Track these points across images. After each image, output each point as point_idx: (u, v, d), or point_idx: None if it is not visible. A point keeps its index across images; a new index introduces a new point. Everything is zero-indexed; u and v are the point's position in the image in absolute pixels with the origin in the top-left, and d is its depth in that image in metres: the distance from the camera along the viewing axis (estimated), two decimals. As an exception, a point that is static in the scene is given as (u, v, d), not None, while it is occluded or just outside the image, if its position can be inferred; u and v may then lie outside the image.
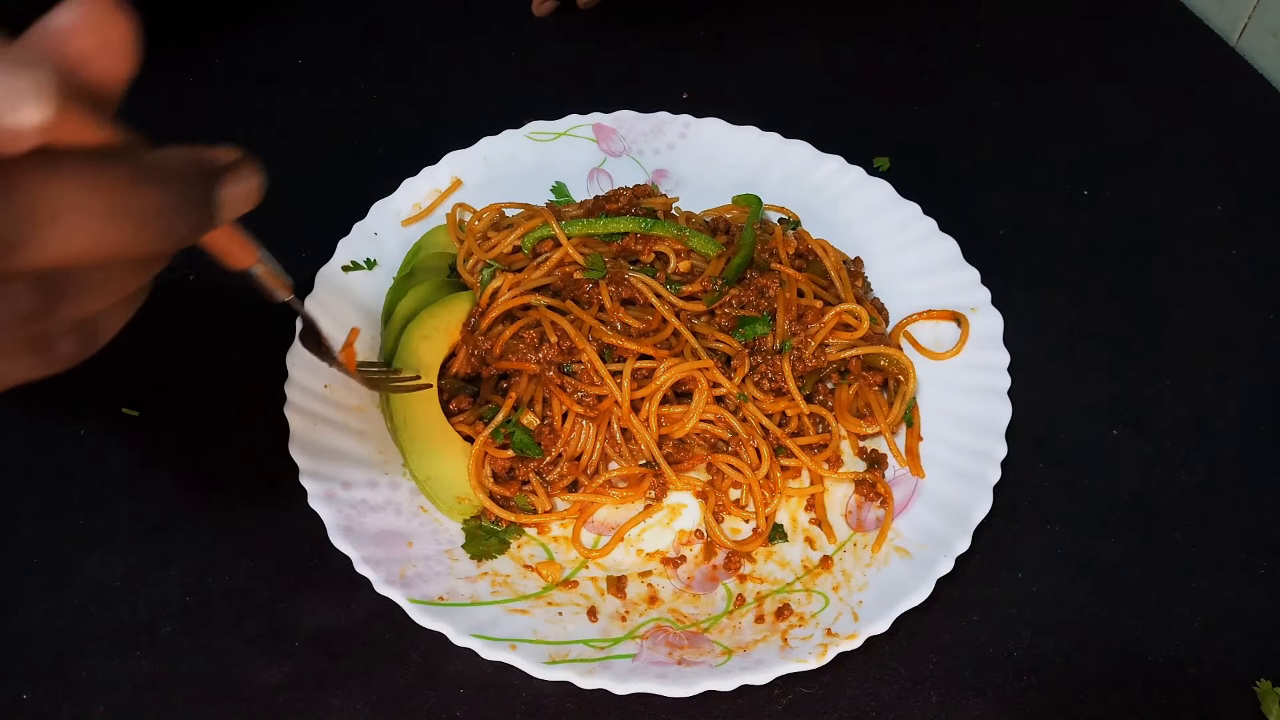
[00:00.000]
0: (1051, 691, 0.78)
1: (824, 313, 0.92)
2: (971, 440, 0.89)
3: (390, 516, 0.84)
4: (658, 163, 1.12)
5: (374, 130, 1.18)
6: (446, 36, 1.31)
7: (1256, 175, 1.16)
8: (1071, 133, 1.21)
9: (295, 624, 0.80)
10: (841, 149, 1.10)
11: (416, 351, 0.89)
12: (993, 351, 0.94)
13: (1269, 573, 0.85)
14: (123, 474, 0.88)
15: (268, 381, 0.90)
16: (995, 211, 1.12)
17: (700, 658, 0.77)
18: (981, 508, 0.84)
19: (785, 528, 0.87)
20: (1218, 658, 0.80)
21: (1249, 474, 0.91)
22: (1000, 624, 0.82)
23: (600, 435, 0.87)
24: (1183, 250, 1.09)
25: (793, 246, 0.98)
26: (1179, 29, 1.34)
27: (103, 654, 0.79)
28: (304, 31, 1.30)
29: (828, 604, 0.80)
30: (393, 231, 1.03)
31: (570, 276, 0.92)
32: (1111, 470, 0.91)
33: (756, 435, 0.88)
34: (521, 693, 0.77)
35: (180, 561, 0.83)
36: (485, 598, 0.80)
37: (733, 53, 1.30)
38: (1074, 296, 1.04)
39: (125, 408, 0.92)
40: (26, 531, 0.85)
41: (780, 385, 0.89)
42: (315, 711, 0.76)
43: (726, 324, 0.91)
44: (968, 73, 1.28)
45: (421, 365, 0.89)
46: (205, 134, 1.23)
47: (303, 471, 0.84)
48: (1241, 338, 1.01)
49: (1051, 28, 1.34)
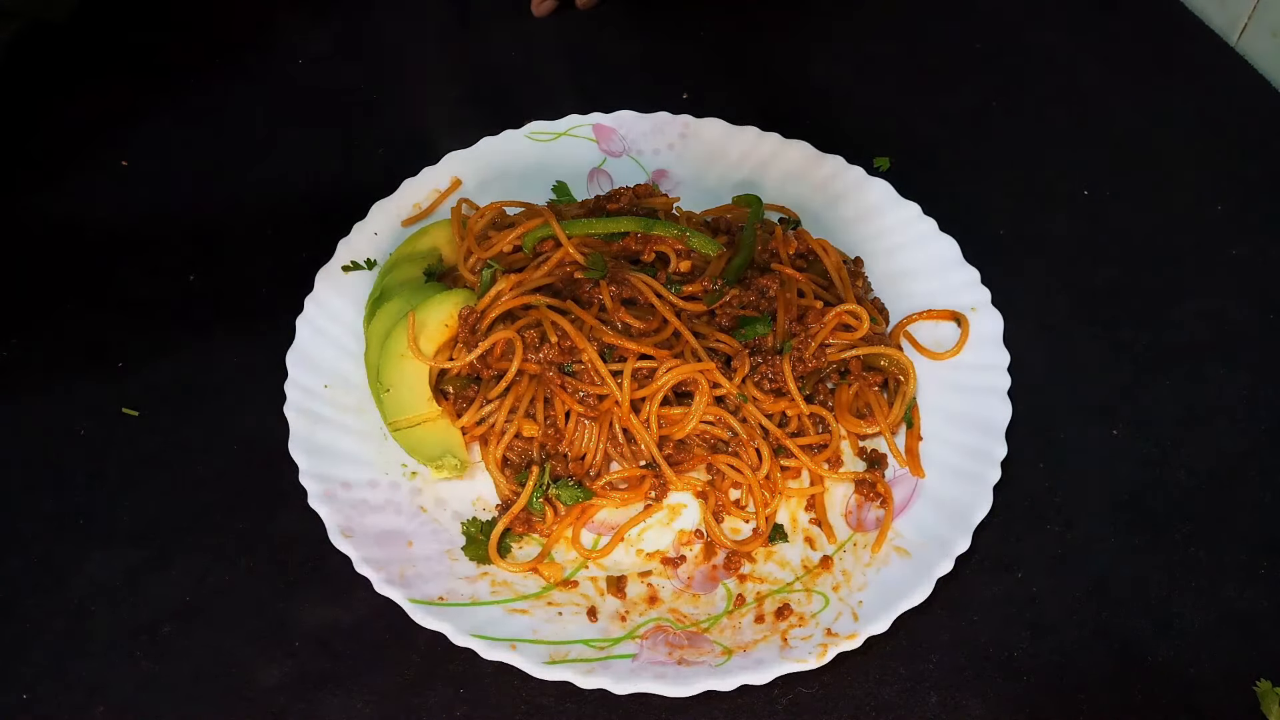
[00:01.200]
0: (1051, 691, 0.78)
1: (824, 313, 0.92)
2: (971, 440, 0.89)
3: (390, 516, 0.84)
4: (658, 163, 1.12)
5: (374, 130, 1.18)
6: (447, 37, 1.31)
7: (1256, 175, 1.16)
8: (1071, 133, 1.21)
9: (295, 624, 0.80)
10: (841, 149, 1.10)
11: (399, 369, 0.90)
12: (993, 351, 0.94)
13: (1269, 573, 0.85)
14: (123, 474, 0.88)
15: (268, 381, 0.90)
16: (995, 211, 1.12)
17: (700, 658, 0.77)
18: (981, 507, 0.84)
19: (785, 528, 0.87)
20: (1218, 658, 0.80)
21: (1249, 474, 0.91)
22: (1000, 624, 0.82)
23: (603, 435, 0.87)
24: (1183, 250, 1.09)
25: (793, 246, 0.98)
26: (1179, 29, 1.34)
27: (103, 654, 0.79)
28: (303, 32, 1.30)
29: (828, 604, 0.80)
30: (393, 231, 1.03)
31: (571, 276, 0.92)
32: (1111, 470, 0.91)
33: (757, 436, 0.88)
34: (521, 693, 0.77)
35: (180, 561, 0.83)
36: (485, 598, 0.80)
37: (733, 53, 1.30)
38: (1074, 296, 1.04)
39: (125, 408, 0.92)
40: (26, 531, 0.85)
41: (780, 385, 0.89)
42: (315, 711, 0.76)
43: (727, 324, 0.91)
44: (968, 73, 1.28)
45: (411, 378, 0.89)
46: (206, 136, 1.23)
47: (303, 471, 0.84)
48: (1241, 338, 1.01)
49: (1051, 28, 1.34)
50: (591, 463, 0.87)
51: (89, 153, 1.13)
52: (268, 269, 1.03)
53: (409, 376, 0.89)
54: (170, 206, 1.10)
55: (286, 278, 0.99)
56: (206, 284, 1.03)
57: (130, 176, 1.12)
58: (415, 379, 0.89)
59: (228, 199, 1.11)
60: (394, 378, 0.89)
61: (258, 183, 1.12)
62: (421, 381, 0.89)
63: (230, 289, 1.03)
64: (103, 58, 1.26)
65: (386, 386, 0.88)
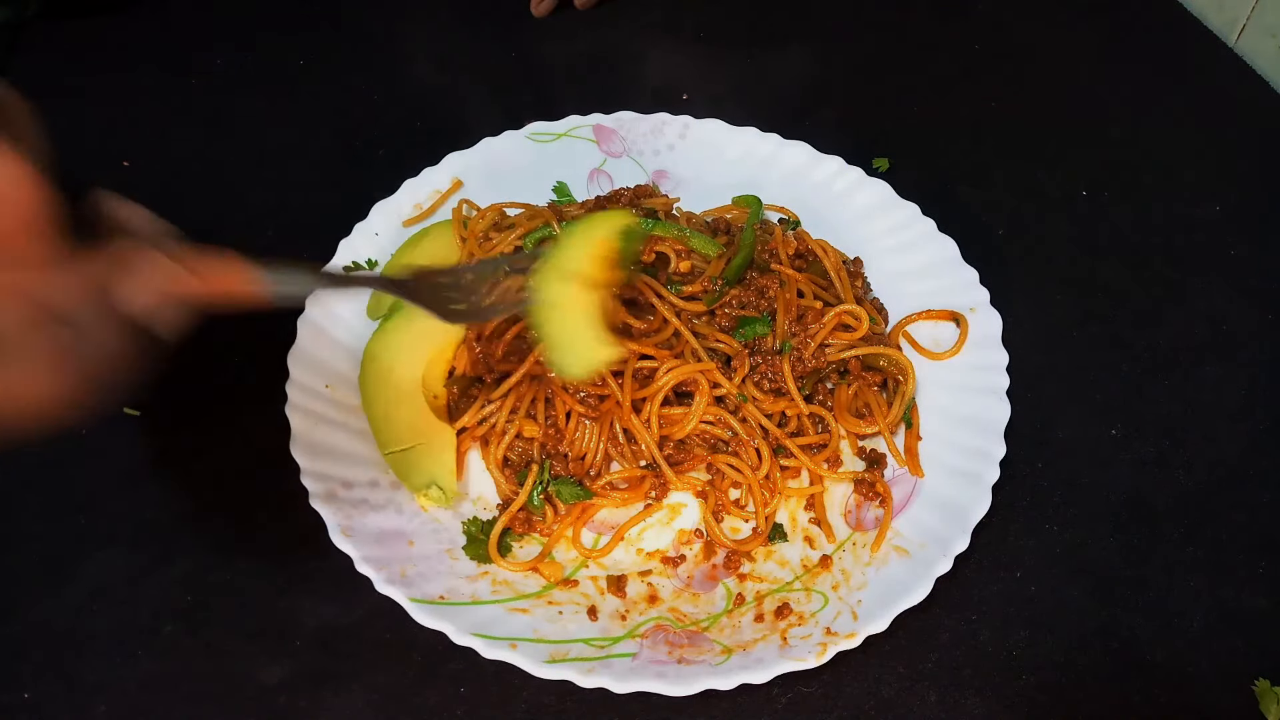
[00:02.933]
0: (1050, 691, 0.78)
1: (824, 313, 0.92)
2: (970, 440, 0.89)
3: (391, 516, 0.84)
4: (658, 163, 1.12)
5: (374, 131, 1.18)
6: (447, 37, 1.31)
7: (1256, 175, 1.16)
8: (1071, 133, 1.21)
9: (296, 623, 0.80)
10: (841, 149, 1.10)
11: (389, 400, 0.90)
12: (992, 351, 0.94)
13: (1268, 573, 0.85)
14: (123, 474, 0.88)
15: (268, 381, 0.90)
16: (995, 211, 1.12)
17: (700, 656, 0.77)
18: (980, 507, 0.84)
19: (785, 527, 0.87)
20: (1217, 657, 0.80)
21: (1249, 474, 0.91)
22: (999, 623, 0.82)
23: (603, 434, 0.87)
24: (1183, 250, 1.09)
25: (793, 247, 0.98)
26: (1178, 30, 1.35)
27: (104, 653, 0.79)
28: (304, 32, 1.30)
29: (827, 603, 0.81)
30: (393, 232, 1.03)
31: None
32: (1111, 470, 0.91)
33: (756, 436, 0.88)
34: (522, 692, 0.77)
35: (181, 561, 0.84)
36: (486, 597, 0.80)
37: (733, 53, 1.30)
38: (1073, 296, 1.04)
39: (125, 408, 0.92)
40: (27, 531, 0.85)
41: (780, 385, 0.90)
42: (315, 711, 0.76)
43: (727, 324, 0.92)
44: (968, 73, 1.28)
45: (400, 408, 0.90)
46: (207, 136, 1.23)
47: (303, 471, 0.84)
48: (1241, 337, 1.01)
49: (1051, 28, 1.34)
50: (592, 462, 0.87)
51: (89, 153, 1.13)
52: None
53: (401, 407, 0.89)
54: (170, 207, 1.10)
55: (287, 278, 0.99)
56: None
57: (130, 176, 1.12)
58: (404, 409, 0.89)
59: (228, 199, 1.11)
60: (387, 408, 0.89)
61: (258, 183, 1.13)
62: (410, 411, 0.89)
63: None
64: (103, 57, 1.26)
65: (380, 415, 0.89)
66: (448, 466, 0.87)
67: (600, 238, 0.81)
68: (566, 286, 0.79)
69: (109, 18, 1.30)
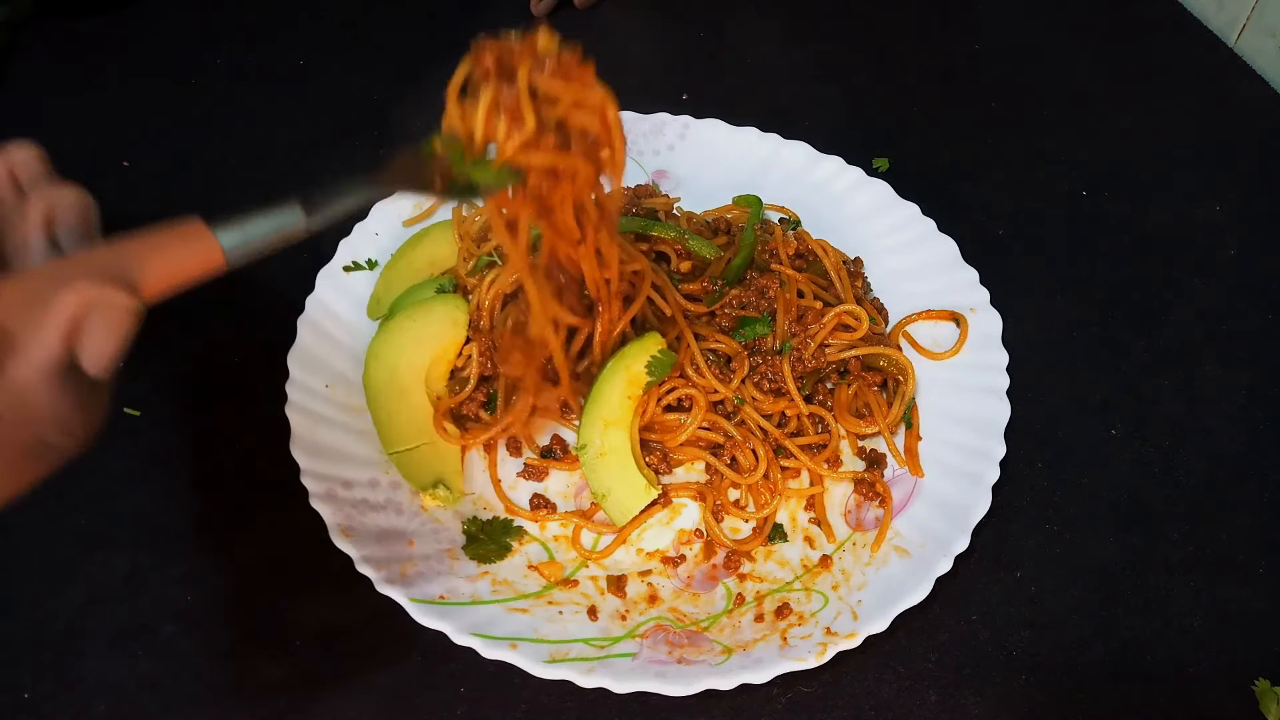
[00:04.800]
0: (1050, 691, 0.78)
1: (824, 313, 0.92)
2: (970, 440, 0.89)
3: (391, 516, 0.84)
4: (658, 163, 1.12)
5: (375, 131, 1.18)
6: (446, 36, 1.31)
7: (1256, 175, 1.16)
8: (1071, 133, 1.21)
9: (296, 624, 0.80)
10: (841, 149, 1.10)
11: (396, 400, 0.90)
12: (992, 351, 0.94)
13: (1268, 573, 0.85)
14: (123, 474, 0.88)
15: (268, 381, 0.90)
16: (995, 211, 1.12)
17: (700, 656, 0.77)
18: (980, 507, 0.84)
19: (785, 527, 0.87)
20: (1217, 657, 0.80)
21: (1248, 474, 0.91)
22: (999, 623, 0.82)
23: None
24: (1183, 250, 1.09)
25: (793, 247, 0.98)
26: (1177, 30, 1.35)
27: (104, 653, 0.79)
28: (304, 32, 1.30)
29: (827, 603, 0.81)
30: (394, 232, 1.03)
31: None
32: (1110, 470, 0.91)
33: (754, 438, 0.88)
34: (522, 692, 0.77)
35: (180, 561, 0.83)
36: (486, 597, 0.80)
37: (733, 53, 1.30)
38: (1073, 296, 1.04)
39: (125, 408, 0.92)
40: (26, 531, 0.85)
41: (780, 386, 0.90)
42: (315, 711, 0.76)
43: (727, 324, 0.92)
44: (968, 73, 1.28)
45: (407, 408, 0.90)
46: (207, 136, 1.23)
47: (303, 471, 0.84)
48: (1241, 337, 1.01)
49: (1051, 28, 1.34)
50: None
51: (89, 153, 1.13)
52: (268, 269, 1.03)
53: (405, 407, 0.89)
54: (171, 206, 1.10)
55: (287, 278, 0.99)
56: (207, 284, 1.03)
57: (130, 176, 1.12)
58: (412, 409, 0.89)
59: (228, 199, 1.11)
60: (390, 408, 0.89)
61: (259, 183, 1.13)
62: (414, 410, 0.89)
63: (231, 289, 1.02)
64: (103, 57, 1.26)
65: (384, 415, 0.89)
66: (454, 465, 0.87)
67: (630, 377, 0.86)
68: (608, 436, 0.85)
69: (109, 18, 1.30)
